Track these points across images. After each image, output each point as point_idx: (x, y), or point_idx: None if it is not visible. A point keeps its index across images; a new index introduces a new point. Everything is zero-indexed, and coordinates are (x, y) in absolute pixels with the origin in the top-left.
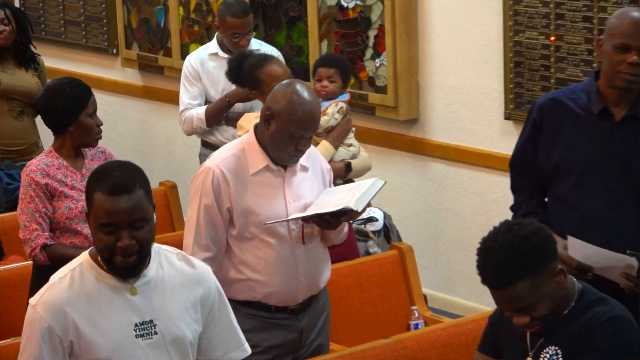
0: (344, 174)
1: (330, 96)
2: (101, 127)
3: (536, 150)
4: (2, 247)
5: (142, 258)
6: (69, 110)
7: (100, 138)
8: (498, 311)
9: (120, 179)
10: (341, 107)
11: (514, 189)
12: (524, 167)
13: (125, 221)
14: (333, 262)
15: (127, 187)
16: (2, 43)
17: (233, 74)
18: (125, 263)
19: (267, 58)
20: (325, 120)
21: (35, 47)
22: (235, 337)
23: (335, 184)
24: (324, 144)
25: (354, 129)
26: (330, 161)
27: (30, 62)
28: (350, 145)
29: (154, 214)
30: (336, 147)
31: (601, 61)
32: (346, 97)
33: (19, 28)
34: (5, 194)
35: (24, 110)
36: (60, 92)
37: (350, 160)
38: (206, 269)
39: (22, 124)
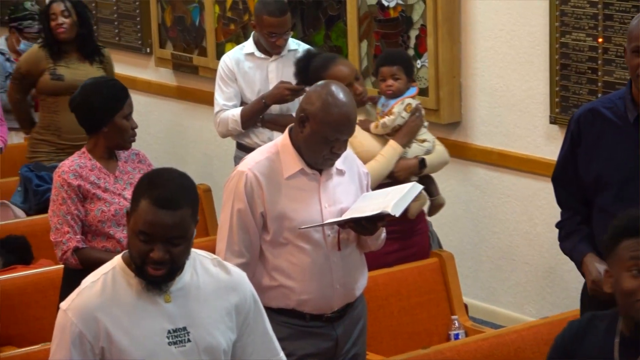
0: (417, 170)
1: (397, 94)
2: (136, 129)
3: (577, 163)
4: (32, 251)
5: (172, 272)
6: (104, 110)
7: (134, 141)
8: (572, 334)
9: (170, 193)
10: (408, 104)
11: (560, 202)
12: (566, 181)
13: (163, 236)
14: (407, 261)
15: (175, 202)
16: (64, 37)
17: (301, 75)
18: (155, 275)
19: (332, 58)
20: (391, 120)
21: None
22: (271, 346)
23: (410, 181)
24: (392, 143)
25: (426, 123)
26: (401, 159)
27: (94, 54)
28: (424, 140)
29: (195, 231)
30: (404, 146)
31: None
32: (414, 91)
33: (80, 20)
34: (35, 196)
35: None
36: (97, 91)
37: (424, 156)
38: (241, 276)
39: None
